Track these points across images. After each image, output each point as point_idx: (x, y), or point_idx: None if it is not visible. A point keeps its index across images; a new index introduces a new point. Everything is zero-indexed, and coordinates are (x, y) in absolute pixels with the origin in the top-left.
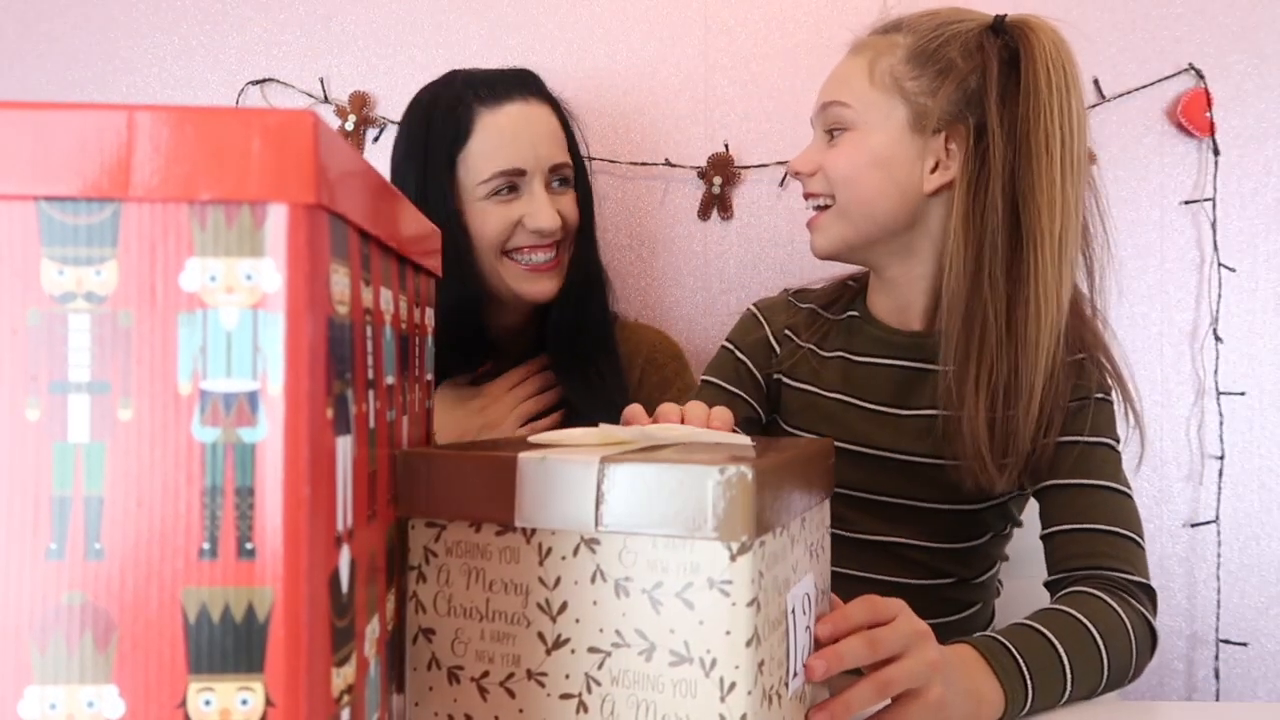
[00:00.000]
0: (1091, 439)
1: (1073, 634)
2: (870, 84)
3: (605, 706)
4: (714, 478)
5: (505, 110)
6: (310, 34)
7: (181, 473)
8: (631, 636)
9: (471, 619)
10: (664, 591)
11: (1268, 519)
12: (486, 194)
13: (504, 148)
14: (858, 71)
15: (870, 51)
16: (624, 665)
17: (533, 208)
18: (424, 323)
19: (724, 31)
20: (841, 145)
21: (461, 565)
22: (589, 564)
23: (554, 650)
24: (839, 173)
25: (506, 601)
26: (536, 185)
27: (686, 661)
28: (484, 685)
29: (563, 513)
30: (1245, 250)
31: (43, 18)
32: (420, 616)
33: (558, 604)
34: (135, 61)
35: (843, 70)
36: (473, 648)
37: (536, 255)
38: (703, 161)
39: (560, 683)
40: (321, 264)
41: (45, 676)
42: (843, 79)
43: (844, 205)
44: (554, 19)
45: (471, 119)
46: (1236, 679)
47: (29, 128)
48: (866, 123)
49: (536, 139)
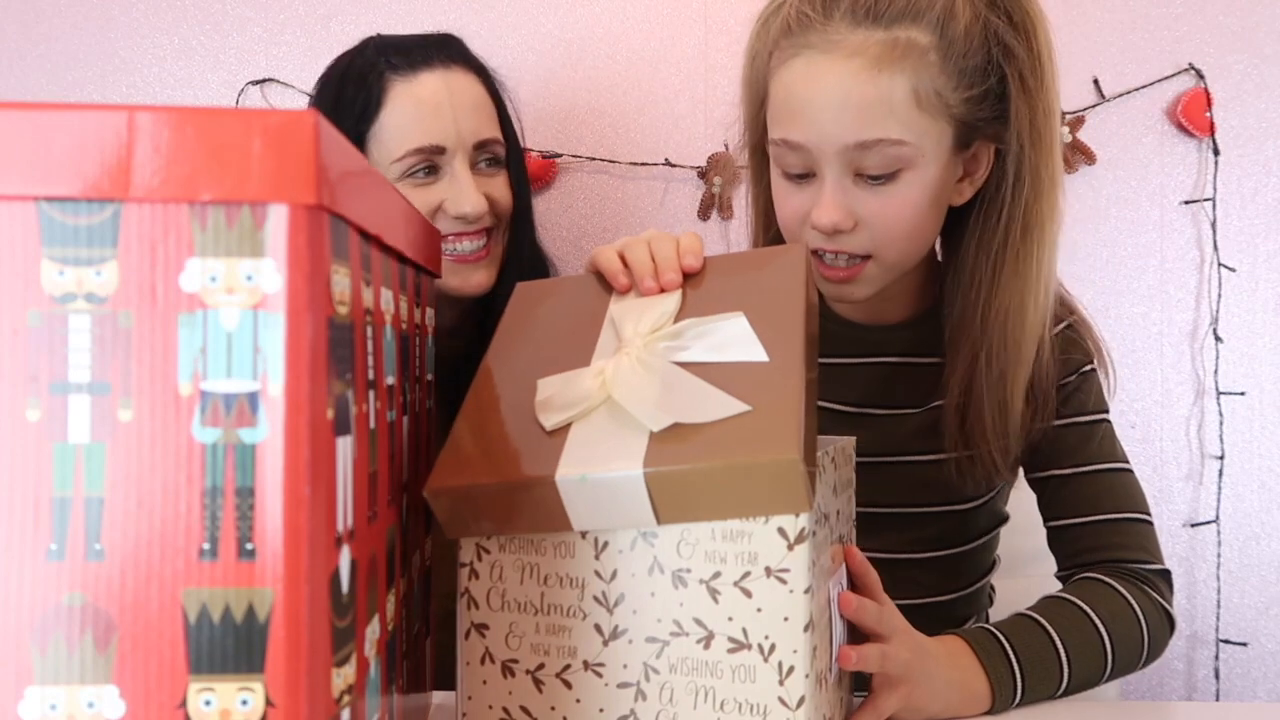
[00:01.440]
0: (1089, 418)
1: (1072, 622)
2: (919, 109)
3: (664, 694)
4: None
5: (422, 79)
6: (310, 34)
7: (182, 473)
8: (690, 625)
9: (526, 613)
10: (722, 581)
11: (1268, 519)
12: (401, 174)
13: (421, 122)
14: (901, 95)
15: (906, 66)
16: (682, 654)
17: (454, 191)
18: (424, 323)
19: (724, 31)
20: (898, 190)
21: (515, 561)
22: (646, 557)
23: (611, 641)
24: (890, 227)
25: (562, 595)
26: (459, 165)
27: (745, 648)
28: (539, 677)
29: (623, 520)
30: (1245, 250)
31: (43, 18)
32: (473, 612)
33: (615, 596)
34: (135, 61)
35: (878, 95)
36: (527, 641)
37: (463, 244)
38: (703, 161)
39: (618, 672)
40: (322, 264)
41: (45, 677)
42: (884, 109)
43: (890, 261)
44: (554, 19)
45: (384, 89)
46: (1236, 679)
47: (29, 128)
48: (924, 155)
49: (458, 111)
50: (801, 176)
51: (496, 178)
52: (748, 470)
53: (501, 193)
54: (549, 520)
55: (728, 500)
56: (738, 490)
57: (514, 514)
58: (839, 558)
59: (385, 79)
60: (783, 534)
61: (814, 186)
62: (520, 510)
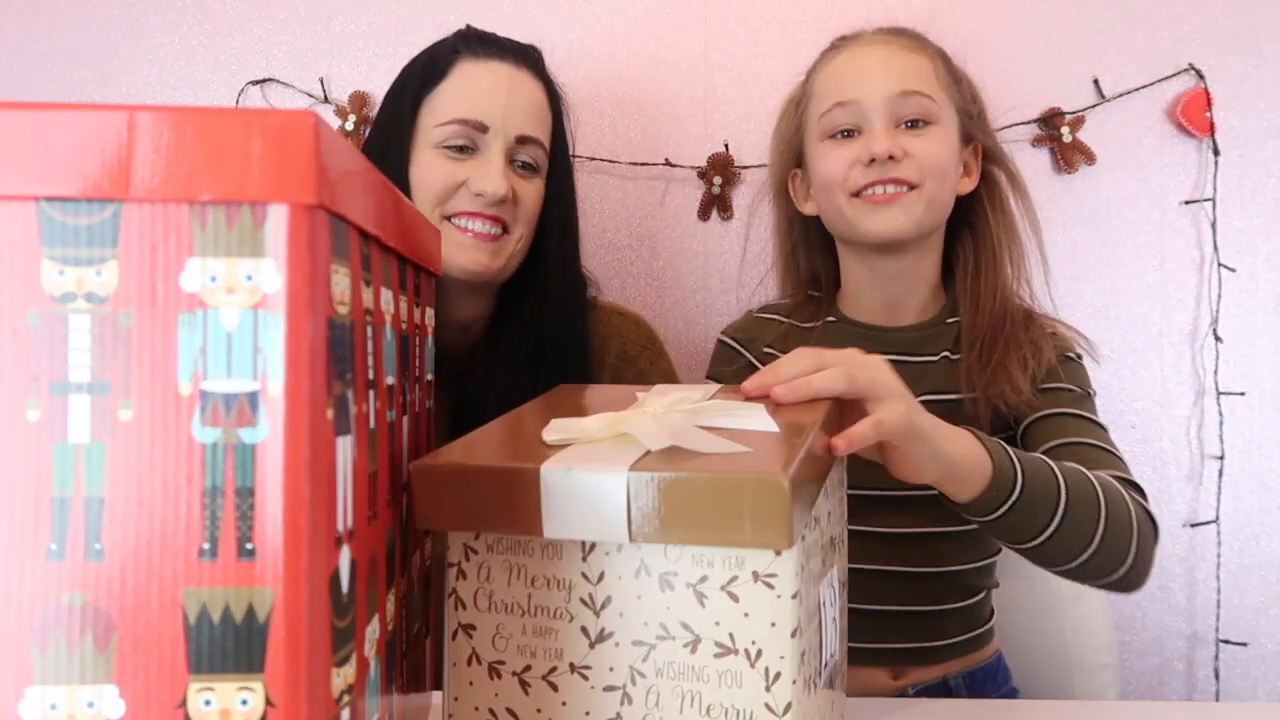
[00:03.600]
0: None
1: (1071, 472)
2: (939, 84)
3: (650, 698)
4: (749, 487)
5: (489, 65)
6: (310, 34)
7: (182, 473)
8: (676, 629)
9: (513, 614)
10: (709, 585)
11: (1268, 519)
12: (439, 141)
13: (473, 98)
14: (929, 70)
15: (929, 53)
16: (668, 657)
17: (482, 170)
18: (424, 323)
19: (724, 31)
20: (931, 136)
21: (503, 562)
22: (633, 560)
23: (597, 644)
24: (932, 162)
25: (549, 597)
26: (495, 149)
27: (732, 653)
28: (526, 679)
29: (595, 527)
30: (1245, 250)
31: (43, 18)
32: (460, 613)
33: (601, 599)
34: (135, 61)
35: (914, 63)
36: (514, 642)
37: (475, 223)
38: (703, 161)
39: (604, 675)
40: (322, 264)
41: (46, 677)
42: (920, 73)
43: (931, 193)
44: (554, 19)
45: (451, 64)
46: (1236, 679)
47: (29, 128)
48: (945, 121)
49: (512, 101)
50: (848, 135)
51: (529, 181)
52: (732, 486)
53: (529, 195)
54: (522, 517)
55: (708, 520)
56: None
57: (488, 505)
58: (830, 560)
59: (457, 55)
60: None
61: (861, 139)
62: (496, 502)
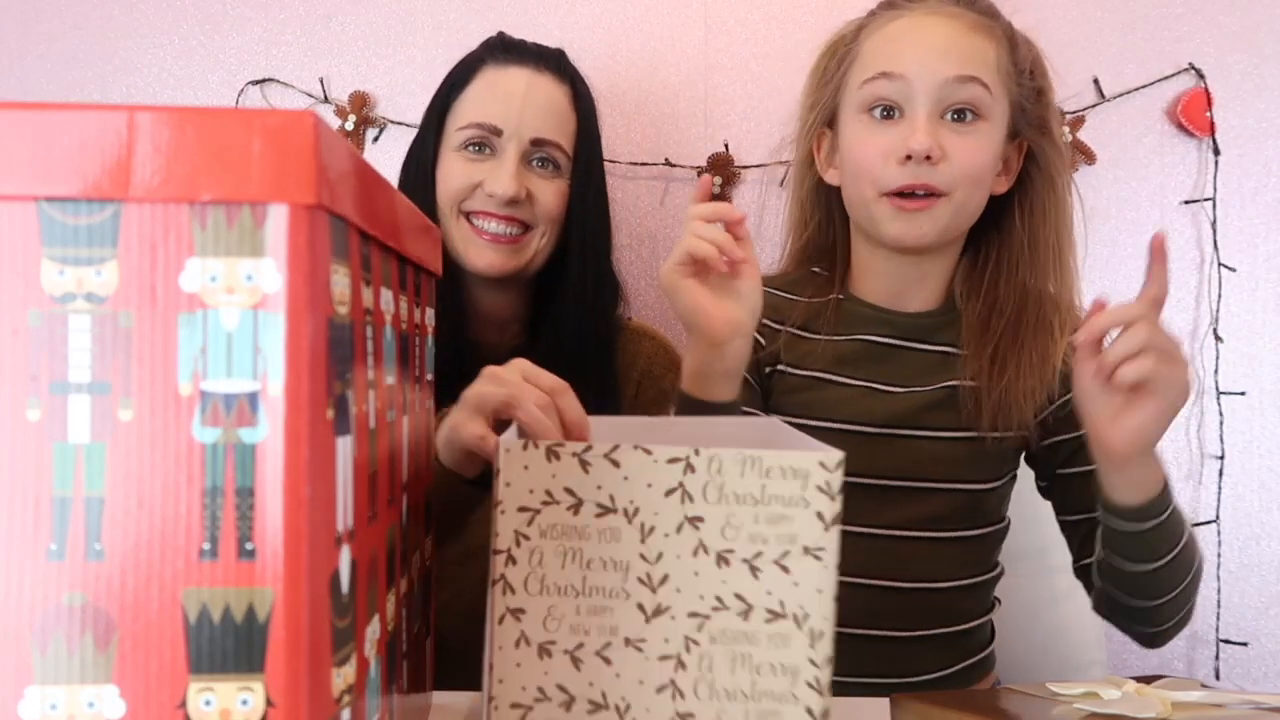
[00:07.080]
0: None
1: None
2: (998, 74)
3: (703, 663)
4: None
5: (509, 71)
6: (310, 34)
7: (182, 473)
8: (731, 600)
9: (566, 596)
10: (763, 560)
11: (1268, 519)
12: (459, 144)
13: (489, 103)
14: (991, 56)
15: (995, 37)
16: (723, 625)
17: (496, 171)
18: (424, 323)
19: (724, 31)
20: (975, 136)
21: (556, 547)
22: (692, 539)
23: (653, 618)
24: (967, 168)
25: (605, 578)
26: (510, 152)
27: (782, 618)
28: (578, 656)
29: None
30: (1245, 250)
31: (43, 18)
32: (508, 598)
33: (659, 576)
34: (135, 61)
35: (977, 47)
36: (566, 623)
37: (490, 223)
38: (703, 161)
39: (659, 646)
40: (322, 264)
41: (46, 677)
42: (981, 58)
43: (960, 201)
44: (554, 19)
45: (476, 71)
46: (1236, 679)
47: (29, 128)
48: (995, 115)
49: (528, 106)
50: (888, 115)
51: (548, 181)
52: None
53: (547, 195)
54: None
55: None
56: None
57: None
58: None
59: (482, 63)
60: (820, 518)
61: (900, 126)
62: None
